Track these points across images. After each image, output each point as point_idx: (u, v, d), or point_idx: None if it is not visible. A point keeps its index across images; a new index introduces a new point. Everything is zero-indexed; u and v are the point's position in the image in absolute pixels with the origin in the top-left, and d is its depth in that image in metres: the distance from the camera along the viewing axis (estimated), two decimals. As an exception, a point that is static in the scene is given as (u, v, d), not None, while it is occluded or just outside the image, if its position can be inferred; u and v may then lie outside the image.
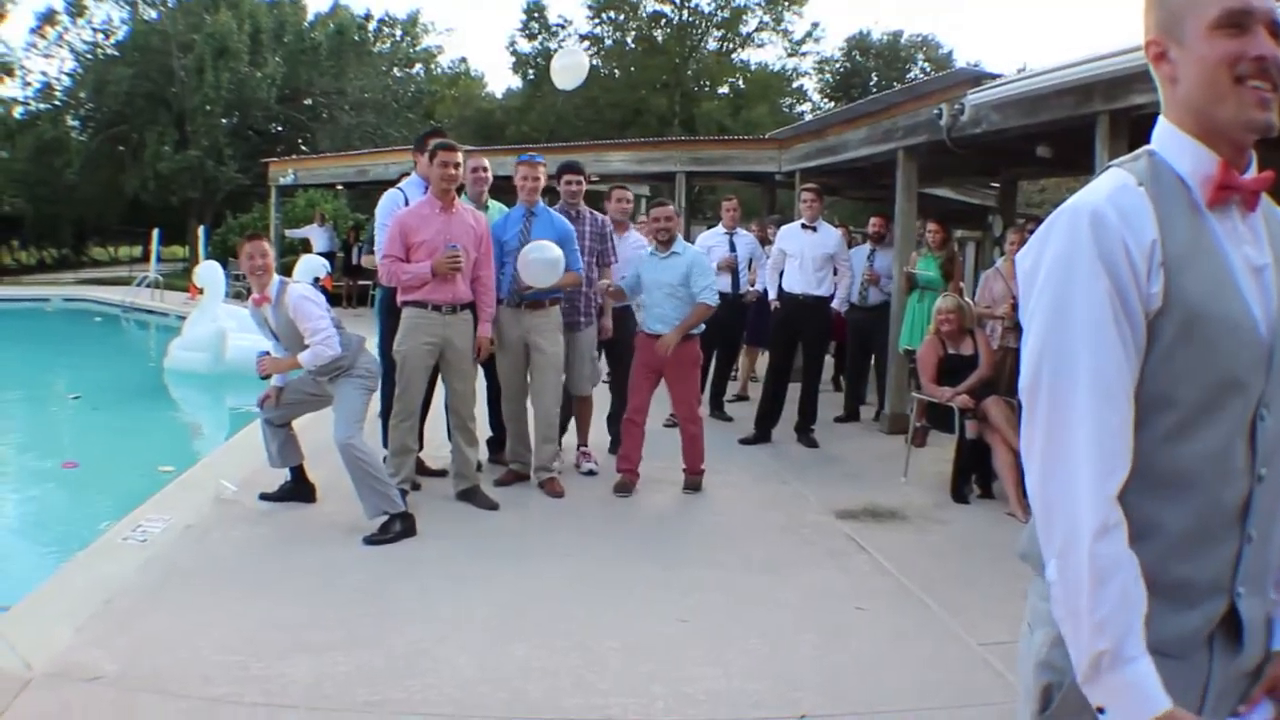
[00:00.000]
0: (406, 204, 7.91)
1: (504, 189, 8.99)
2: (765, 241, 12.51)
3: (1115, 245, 1.76)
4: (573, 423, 9.04)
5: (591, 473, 8.79)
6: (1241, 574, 1.85)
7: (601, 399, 9.27)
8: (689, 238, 14.44)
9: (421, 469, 8.23)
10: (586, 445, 9.01)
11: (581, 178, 8.85)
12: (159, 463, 9.22)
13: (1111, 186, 1.84)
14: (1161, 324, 1.77)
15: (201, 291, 16.44)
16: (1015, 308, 9.25)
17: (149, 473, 8.85)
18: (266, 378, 7.35)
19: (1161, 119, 1.94)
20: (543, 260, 7.57)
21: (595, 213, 8.87)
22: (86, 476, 9.72)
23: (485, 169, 8.62)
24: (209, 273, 16.24)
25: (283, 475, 7.61)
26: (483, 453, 8.42)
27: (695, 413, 8.53)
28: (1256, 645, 1.93)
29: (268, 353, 7.35)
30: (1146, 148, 1.94)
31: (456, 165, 7.43)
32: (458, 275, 7.38)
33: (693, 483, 8.40)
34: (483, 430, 8.27)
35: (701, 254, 8.73)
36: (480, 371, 8.27)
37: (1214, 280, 1.79)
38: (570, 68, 10.07)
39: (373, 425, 7.85)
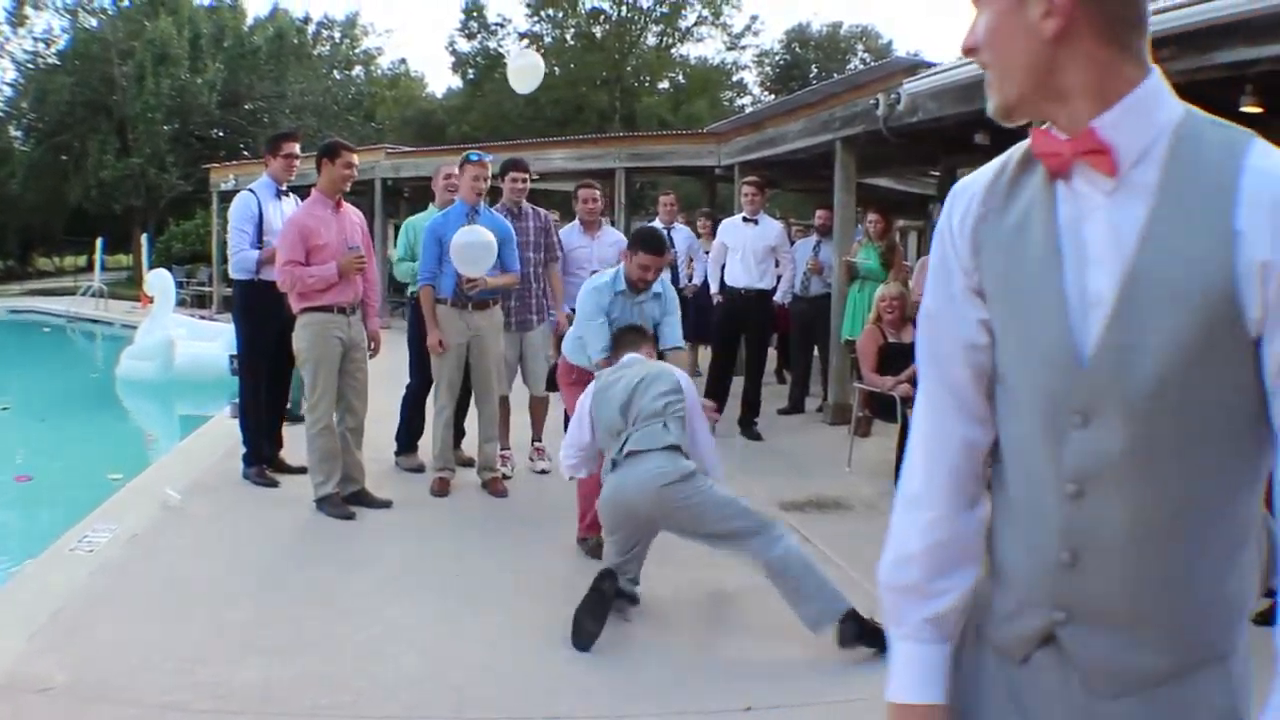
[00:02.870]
0: (260, 207, 7.99)
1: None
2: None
3: (946, 226, 1.76)
4: (528, 421, 8.95)
5: (544, 471, 8.77)
6: (1059, 596, 1.66)
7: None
8: (627, 233, 14.47)
9: (282, 467, 8.35)
10: (540, 442, 8.97)
11: (527, 175, 8.80)
12: (109, 471, 9.20)
13: (987, 166, 1.78)
14: (989, 303, 1.72)
15: (152, 300, 16.37)
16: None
17: (100, 481, 8.82)
18: None
19: None
20: (474, 244, 7.55)
21: (538, 209, 8.86)
22: (38, 488, 9.67)
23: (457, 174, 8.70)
24: (160, 281, 16.18)
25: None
26: None
27: None
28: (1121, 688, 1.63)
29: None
30: None
31: (356, 166, 7.61)
32: (358, 275, 7.47)
33: None
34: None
35: (674, 292, 8.03)
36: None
37: (1026, 261, 1.63)
38: (525, 69, 10.06)
39: (297, 434, 7.97)
